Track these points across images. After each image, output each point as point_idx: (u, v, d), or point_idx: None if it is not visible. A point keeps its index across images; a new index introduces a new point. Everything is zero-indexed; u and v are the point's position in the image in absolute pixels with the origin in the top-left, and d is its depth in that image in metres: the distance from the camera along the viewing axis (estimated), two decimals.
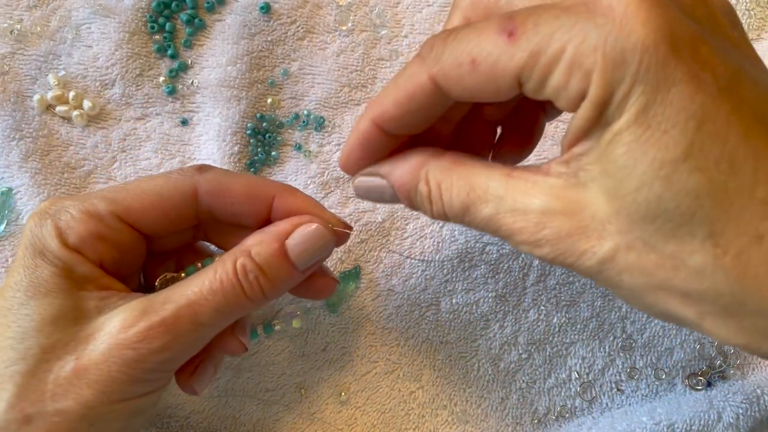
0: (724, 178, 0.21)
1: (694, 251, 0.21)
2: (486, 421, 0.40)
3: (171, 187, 0.31)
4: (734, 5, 0.45)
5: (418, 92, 0.26)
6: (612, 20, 0.21)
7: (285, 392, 0.40)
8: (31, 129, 0.41)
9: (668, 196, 0.21)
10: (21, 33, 0.41)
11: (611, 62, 0.21)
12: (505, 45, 0.23)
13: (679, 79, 0.21)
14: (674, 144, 0.21)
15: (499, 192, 0.25)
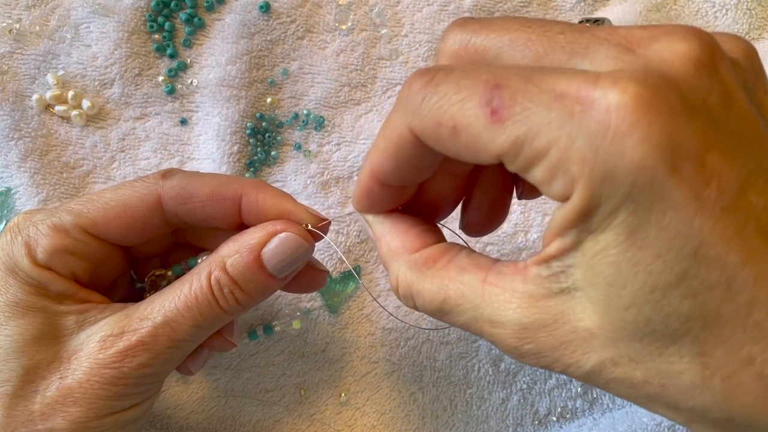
0: (718, 303, 0.19)
1: (682, 371, 0.21)
2: (487, 422, 0.40)
3: (135, 197, 0.31)
4: (735, 5, 0.45)
5: (403, 145, 0.24)
6: (605, 130, 0.18)
7: (285, 393, 0.40)
8: (30, 129, 0.40)
9: (658, 319, 0.20)
10: (20, 32, 0.41)
11: (599, 177, 0.19)
12: (489, 123, 0.21)
13: (677, 202, 0.19)
14: (667, 269, 0.19)
15: (476, 301, 0.24)
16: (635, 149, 0.18)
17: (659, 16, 0.45)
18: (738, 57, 0.22)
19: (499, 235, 0.41)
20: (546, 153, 0.20)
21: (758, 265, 0.19)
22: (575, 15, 0.45)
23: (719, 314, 0.20)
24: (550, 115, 0.19)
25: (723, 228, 0.19)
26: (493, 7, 0.44)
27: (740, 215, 0.19)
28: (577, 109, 0.19)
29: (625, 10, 0.44)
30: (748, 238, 0.19)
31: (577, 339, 0.22)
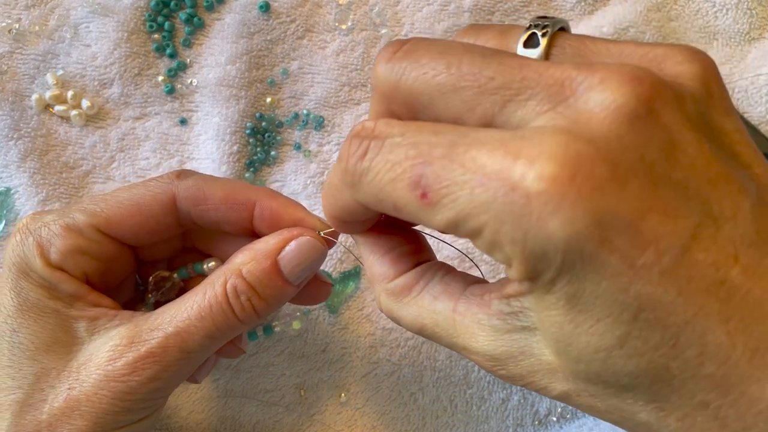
0: (665, 360, 0.20)
1: (639, 411, 0.21)
2: (487, 422, 0.40)
3: (149, 196, 0.30)
4: (735, 5, 0.45)
5: (351, 208, 0.24)
6: (529, 214, 0.18)
7: (285, 393, 0.40)
8: (30, 128, 0.40)
9: (607, 374, 0.20)
10: (19, 32, 0.41)
11: (530, 257, 0.19)
12: (421, 205, 0.21)
13: (610, 272, 0.19)
14: (608, 332, 0.19)
15: (449, 330, 0.25)
16: (559, 231, 0.18)
17: (659, 16, 0.45)
18: (690, 84, 0.21)
19: None
20: (479, 234, 0.20)
21: (704, 321, 0.19)
22: (575, 14, 0.45)
23: (668, 369, 0.20)
24: (476, 199, 0.19)
25: (663, 292, 0.19)
26: (493, 7, 0.44)
27: (683, 275, 0.19)
28: (500, 193, 0.19)
29: (625, 10, 0.44)
30: (693, 296, 0.19)
31: (542, 370, 0.22)
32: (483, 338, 0.23)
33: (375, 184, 0.22)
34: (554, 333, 0.21)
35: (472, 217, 0.20)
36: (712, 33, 0.45)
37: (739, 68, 0.45)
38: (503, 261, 0.20)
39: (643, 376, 0.20)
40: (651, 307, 0.19)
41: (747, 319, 0.19)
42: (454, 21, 0.44)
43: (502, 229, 0.19)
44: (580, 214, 0.18)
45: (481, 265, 0.41)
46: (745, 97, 0.45)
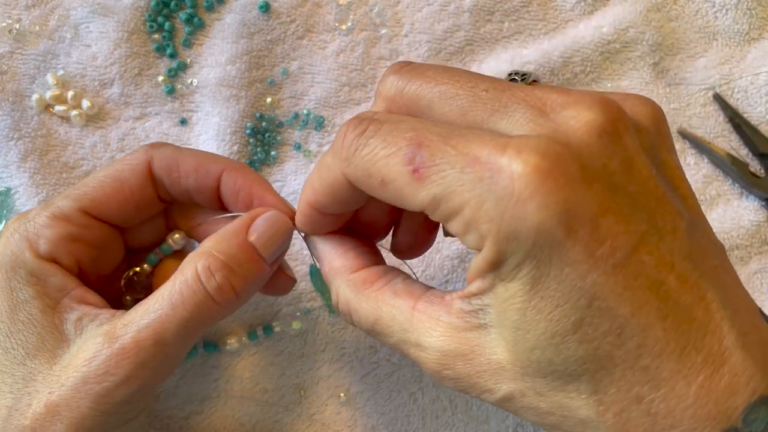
0: (610, 348, 0.22)
1: (580, 406, 0.23)
2: (487, 422, 0.40)
3: (128, 169, 0.31)
4: (735, 5, 0.45)
5: (337, 186, 0.26)
6: (510, 195, 0.21)
7: (284, 393, 0.40)
8: (30, 129, 0.40)
9: (558, 360, 0.22)
10: (19, 32, 0.41)
11: (504, 236, 0.21)
12: (411, 180, 0.23)
13: (573, 259, 0.21)
14: (565, 318, 0.22)
15: (404, 325, 0.26)
16: (535, 214, 0.21)
17: (659, 16, 0.45)
18: (644, 121, 0.24)
19: None
20: (459, 211, 0.22)
21: (646, 316, 0.22)
22: (575, 15, 0.45)
23: (612, 358, 0.22)
24: (464, 178, 0.22)
25: (614, 283, 0.21)
26: (493, 7, 0.44)
27: (631, 271, 0.22)
28: (486, 175, 0.21)
29: (625, 11, 0.44)
30: (638, 291, 0.22)
31: (490, 370, 0.24)
32: (438, 334, 0.25)
33: (369, 158, 0.24)
34: (515, 321, 0.23)
35: (456, 195, 0.22)
36: (711, 33, 0.45)
37: (738, 68, 0.45)
38: (475, 244, 0.23)
39: (590, 362, 0.22)
40: (603, 296, 0.21)
41: (679, 319, 0.22)
42: (454, 21, 0.44)
43: (483, 207, 0.21)
44: (553, 201, 0.21)
45: None
46: (744, 97, 0.45)
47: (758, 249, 0.43)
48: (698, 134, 0.44)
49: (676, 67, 0.45)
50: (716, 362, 0.22)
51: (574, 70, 0.44)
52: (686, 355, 0.22)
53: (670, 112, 0.44)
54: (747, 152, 0.44)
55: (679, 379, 0.22)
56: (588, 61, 0.44)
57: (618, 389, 0.22)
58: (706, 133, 0.44)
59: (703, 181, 0.44)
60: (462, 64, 0.44)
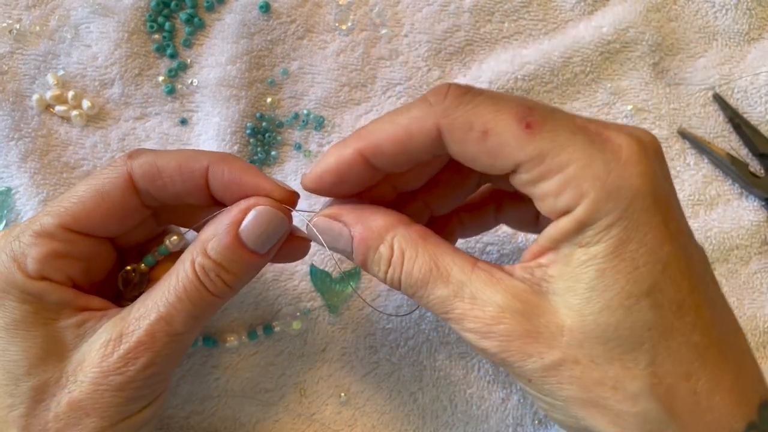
0: (672, 318, 0.24)
1: (635, 377, 0.24)
2: (487, 422, 0.40)
3: (108, 183, 0.30)
4: (735, 5, 0.45)
5: (419, 135, 0.26)
6: (618, 160, 0.24)
7: (285, 393, 0.40)
8: (30, 129, 0.40)
9: (626, 324, 0.24)
10: (20, 32, 0.41)
11: (606, 194, 0.23)
12: (521, 133, 0.24)
13: (655, 226, 0.24)
14: (642, 280, 0.23)
15: (462, 278, 0.26)
16: (636, 178, 0.23)
17: (659, 16, 0.45)
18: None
19: (499, 235, 0.41)
20: (564, 167, 0.24)
21: (700, 297, 0.24)
22: (575, 15, 0.45)
23: (672, 329, 0.24)
24: (575, 138, 0.24)
25: (681, 257, 0.24)
26: (493, 7, 0.44)
27: (688, 255, 0.25)
28: (597, 139, 0.24)
29: (625, 11, 0.44)
30: (693, 273, 0.24)
31: (547, 332, 0.25)
32: (500, 289, 0.25)
33: (475, 111, 0.25)
34: (590, 282, 0.24)
35: (565, 151, 0.24)
36: (711, 33, 0.45)
37: (738, 68, 0.45)
38: (567, 202, 0.24)
39: (655, 328, 0.24)
40: (673, 267, 0.24)
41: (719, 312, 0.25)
42: (454, 21, 0.44)
43: (591, 165, 0.23)
44: (651, 172, 0.24)
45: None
46: (744, 97, 0.45)
47: (758, 249, 0.43)
48: (698, 134, 0.44)
49: (676, 67, 0.45)
50: (743, 360, 0.25)
51: (574, 70, 0.44)
52: (725, 345, 0.25)
53: (670, 112, 0.44)
54: (747, 152, 0.44)
55: (720, 364, 0.24)
56: (588, 61, 0.44)
57: (672, 362, 0.24)
58: (706, 133, 0.44)
59: (703, 181, 0.44)
60: (462, 64, 0.44)
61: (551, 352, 0.24)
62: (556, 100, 0.44)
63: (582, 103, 0.44)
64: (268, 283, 0.40)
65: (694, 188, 0.43)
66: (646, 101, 0.44)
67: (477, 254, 0.41)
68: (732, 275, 0.43)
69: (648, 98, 0.44)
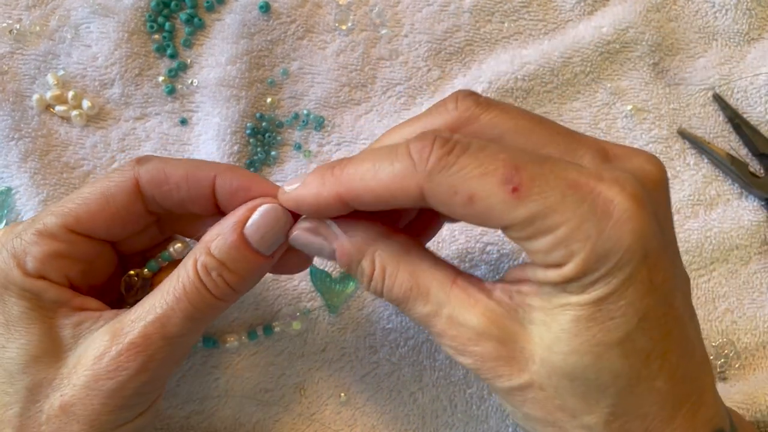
0: (639, 367, 0.24)
1: (593, 412, 0.25)
2: (486, 422, 0.40)
3: (113, 187, 0.30)
4: (735, 5, 0.45)
5: (400, 194, 0.25)
6: (608, 218, 0.23)
7: (284, 393, 0.40)
8: (30, 129, 0.40)
9: (593, 369, 0.24)
10: (20, 32, 0.41)
11: (596, 255, 0.23)
12: (508, 198, 0.24)
13: (639, 280, 0.24)
14: (616, 330, 0.24)
15: (441, 298, 0.26)
16: (627, 236, 0.23)
17: (659, 16, 0.45)
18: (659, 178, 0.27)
19: (499, 235, 0.41)
20: (555, 229, 0.23)
21: (671, 342, 0.25)
22: (575, 15, 0.45)
23: (638, 376, 0.24)
24: (564, 200, 0.23)
25: (658, 308, 0.24)
26: (494, 8, 0.44)
27: (668, 303, 0.25)
28: (588, 197, 0.23)
29: (625, 11, 0.44)
30: (668, 322, 0.25)
31: (520, 357, 0.25)
32: (477, 313, 0.26)
33: (459, 176, 0.24)
34: (564, 324, 0.24)
35: (555, 213, 0.23)
36: (711, 33, 0.45)
37: (738, 68, 0.45)
38: (557, 260, 0.24)
39: (622, 377, 0.24)
40: (649, 318, 0.24)
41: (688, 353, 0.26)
42: (454, 21, 0.44)
43: (582, 226, 0.23)
44: (641, 228, 0.23)
45: (480, 265, 0.41)
46: (744, 97, 0.45)
47: (758, 249, 0.43)
48: (698, 134, 0.44)
49: (675, 67, 0.45)
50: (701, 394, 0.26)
51: (574, 70, 0.44)
52: (687, 382, 0.26)
53: (670, 112, 0.44)
54: (747, 152, 0.44)
55: (676, 404, 0.25)
56: (588, 61, 0.44)
57: (633, 404, 0.25)
58: (706, 133, 0.44)
59: (703, 181, 0.44)
60: (462, 64, 0.44)
61: (521, 375, 0.25)
62: (556, 100, 0.44)
63: (582, 103, 0.44)
64: (268, 283, 0.40)
65: (694, 188, 0.44)
66: (646, 101, 0.44)
67: (477, 254, 0.41)
68: (732, 275, 0.43)
69: (648, 98, 0.44)
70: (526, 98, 0.43)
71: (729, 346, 0.41)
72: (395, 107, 0.43)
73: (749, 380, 0.41)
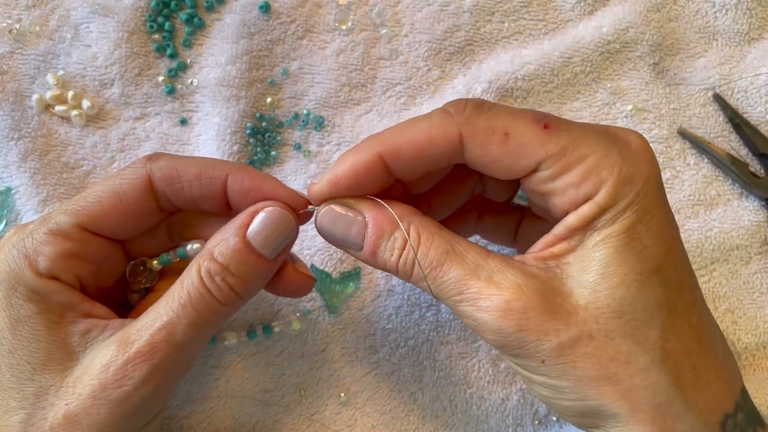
0: (676, 297, 0.26)
1: (646, 350, 0.25)
2: (486, 422, 0.40)
3: (126, 184, 0.30)
4: (735, 5, 0.45)
5: (440, 141, 0.27)
6: (629, 150, 0.27)
7: (285, 393, 0.40)
8: (30, 129, 0.40)
9: (640, 298, 0.25)
10: (20, 32, 0.41)
11: (623, 180, 0.26)
12: (540, 133, 0.26)
13: (661, 211, 0.27)
14: (652, 258, 0.26)
15: (478, 261, 0.27)
16: (647, 165, 0.27)
17: (659, 16, 0.45)
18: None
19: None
20: (585, 159, 0.26)
21: (693, 280, 0.28)
22: (575, 15, 0.45)
23: (676, 307, 0.26)
24: (589, 134, 0.27)
25: (679, 243, 0.27)
26: (494, 7, 0.44)
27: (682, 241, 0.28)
28: (609, 133, 0.27)
29: (625, 11, 0.44)
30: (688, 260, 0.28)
31: (563, 311, 0.26)
32: (516, 271, 0.27)
33: (493, 117, 0.27)
34: (606, 258, 0.26)
35: (583, 145, 0.26)
36: (711, 33, 0.45)
37: (738, 68, 0.45)
38: (588, 190, 0.26)
39: (664, 304, 0.26)
40: (674, 250, 0.27)
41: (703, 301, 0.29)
42: (454, 21, 0.44)
43: (609, 154, 0.26)
44: (654, 162, 0.27)
45: None
46: (744, 97, 0.45)
47: (758, 249, 0.43)
48: (698, 134, 0.44)
49: (676, 67, 0.45)
50: (728, 353, 0.28)
51: (574, 70, 0.44)
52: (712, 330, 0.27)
53: (670, 112, 0.44)
54: (747, 152, 0.44)
55: (711, 345, 0.27)
56: (588, 61, 0.44)
57: (678, 339, 0.26)
58: (706, 133, 0.44)
59: (703, 181, 0.44)
60: (462, 64, 0.44)
61: (568, 330, 0.25)
62: (556, 100, 0.44)
63: (582, 103, 0.44)
64: None
65: (694, 188, 0.43)
66: (646, 101, 0.44)
67: None
68: (732, 275, 0.43)
69: (648, 98, 0.44)
70: (526, 98, 0.43)
71: (729, 346, 0.41)
72: (395, 107, 0.43)
73: (749, 380, 0.41)
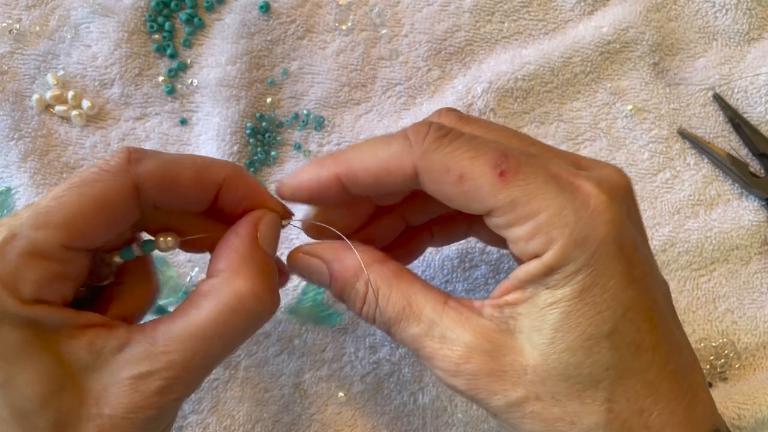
0: (630, 358, 0.25)
1: (592, 413, 0.25)
2: (487, 422, 0.40)
3: (111, 193, 0.26)
4: (735, 5, 0.45)
5: (396, 172, 0.27)
6: (586, 208, 0.25)
7: (284, 393, 0.40)
8: (30, 129, 0.40)
9: (586, 364, 0.25)
10: (20, 32, 0.41)
11: (574, 241, 0.25)
12: (495, 180, 0.25)
13: (619, 272, 0.25)
14: (603, 323, 0.25)
15: (433, 317, 0.27)
16: (603, 226, 0.25)
17: (659, 16, 0.45)
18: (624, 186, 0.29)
19: None
20: (535, 215, 0.25)
21: (658, 336, 0.26)
22: (575, 15, 0.45)
23: (629, 368, 0.25)
24: (546, 187, 0.25)
25: (641, 301, 0.26)
26: (494, 7, 0.44)
27: (650, 296, 0.26)
28: (567, 188, 0.25)
29: (625, 11, 0.44)
30: (655, 314, 0.26)
31: (511, 371, 0.26)
32: (468, 329, 0.26)
33: (452, 156, 0.26)
34: (555, 323, 0.25)
35: (536, 200, 0.25)
36: (711, 33, 0.45)
37: (738, 68, 0.45)
38: (537, 248, 0.25)
39: (613, 368, 0.25)
40: (633, 310, 0.25)
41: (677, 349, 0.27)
42: (454, 21, 0.44)
43: (561, 213, 0.25)
44: (617, 220, 0.25)
45: (480, 265, 0.41)
46: (744, 97, 0.45)
47: (758, 249, 0.43)
48: (698, 134, 0.44)
49: (676, 67, 0.45)
50: (695, 392, 0.27)
51: (574, 70, 0.44)
52: (679, 379, 0.26)
53: (670, 112, 0.44)
54: (747, 152, 0.44)
55: (672, 399, 0.26)
56: (588, 61, 0.44)
57: (627, 399, 0.25)
58: (706, 133, 0.44)
59: (703, 181, 0.44)
60: (462, 64, 0.44)
61: (515, 390, 0.26)
62: (556, 100, 0.44)
63: (582, 103, 0.44)
64: None
65: (694, 188, 0.43)
66: (646, 101, 0.44)
67: (477, 255, 0.41)
68: (732, 275, 0.43)
69: (648, 98, 0.44)
70: (526, 98, 0.43)
71: (729, 346, 0.41)
72: (395, 107, 0.43)
73: (749, 380, 0.41)
